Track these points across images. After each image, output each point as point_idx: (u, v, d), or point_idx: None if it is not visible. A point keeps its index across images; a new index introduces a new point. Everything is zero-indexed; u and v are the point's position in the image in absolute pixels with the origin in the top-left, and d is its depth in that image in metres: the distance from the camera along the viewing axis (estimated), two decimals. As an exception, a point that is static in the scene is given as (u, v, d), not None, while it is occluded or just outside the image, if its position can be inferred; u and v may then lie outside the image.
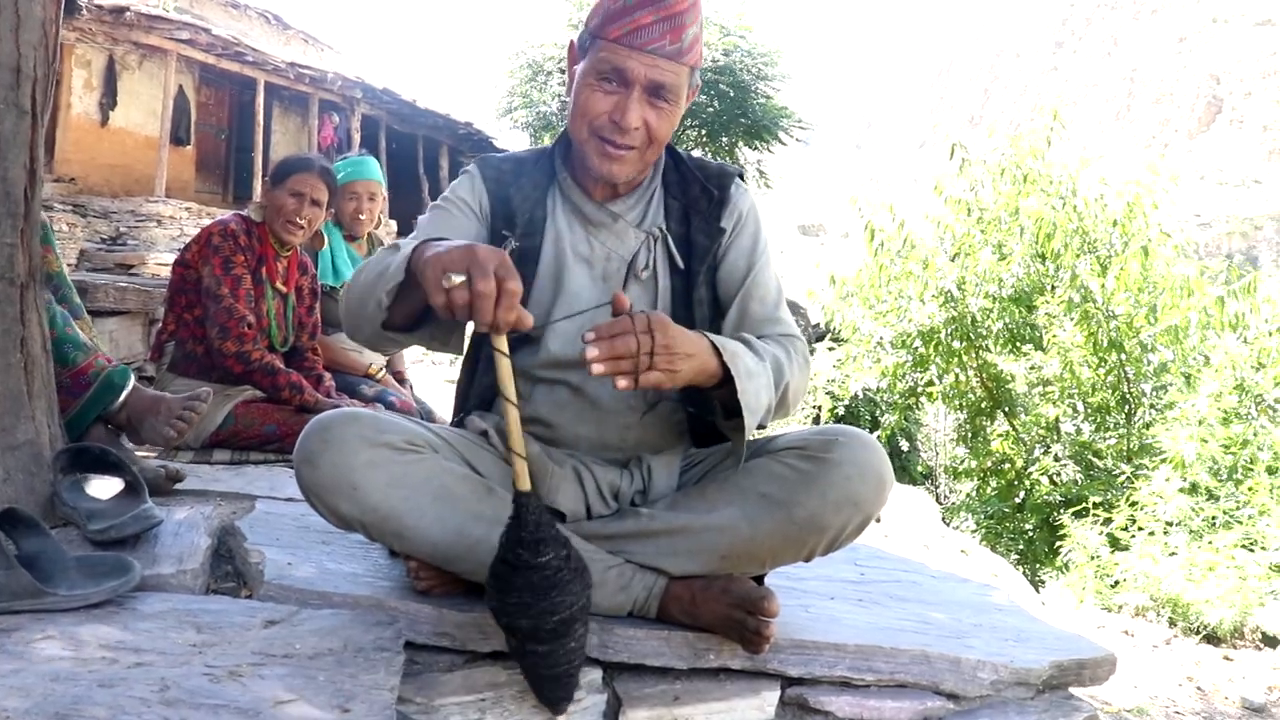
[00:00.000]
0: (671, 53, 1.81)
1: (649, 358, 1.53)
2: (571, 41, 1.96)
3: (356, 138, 17.26)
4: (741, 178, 2.10)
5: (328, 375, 3.90)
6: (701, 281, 1.97)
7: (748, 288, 1.98)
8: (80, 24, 13.23)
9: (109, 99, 14.72)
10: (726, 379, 1.66)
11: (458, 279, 1.40)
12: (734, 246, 2.01)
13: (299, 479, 1.77)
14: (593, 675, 1.75)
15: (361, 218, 4.38)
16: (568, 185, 1.99)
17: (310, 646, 1.55)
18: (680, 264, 1.97)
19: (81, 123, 14.26)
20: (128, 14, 13.41)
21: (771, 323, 1.96)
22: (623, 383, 1.52)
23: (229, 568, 2.06)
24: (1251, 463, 6.46)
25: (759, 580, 1.87)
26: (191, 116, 16.24)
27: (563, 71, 19.39)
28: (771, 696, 1.80)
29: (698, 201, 2.01)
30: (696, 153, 19.53)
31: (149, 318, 5.16)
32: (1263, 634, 4.66)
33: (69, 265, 10.31)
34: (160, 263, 11.50)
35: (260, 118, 15.67)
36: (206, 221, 13.86)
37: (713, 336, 1.67)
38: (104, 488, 2.18)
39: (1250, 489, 6.15)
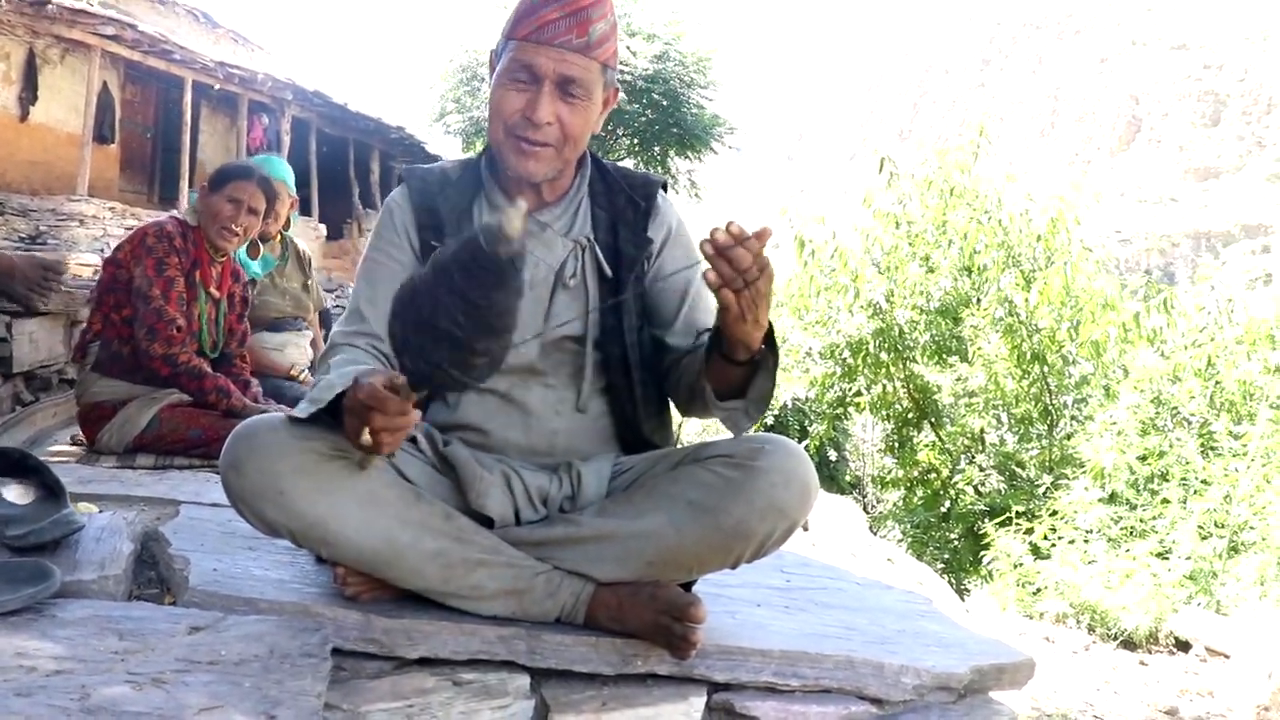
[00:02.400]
0: (579, 46, 1.85)
1: (759, 273, 1.60)
2: (491, 52, 1.99)
3: (286, 140, 17.00)
4: (665, 188, 2.12)
5: (255, 381, 3.86)
6: (629, 289, 1.98)
7: (692, 299, 2.01)
8: None
9: (29, 93, 14.32)
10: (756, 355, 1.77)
11: (367, 438, 1.52)
12: (669, 259, 2.04)
13: (225, 485, 1.76)
14: (520, 681, 1.75)
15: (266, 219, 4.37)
16: (494, 194, 2.00)
17: (236, 653, 1.53)
18: (608, 273, 1.99)
19: None
20: (50, 6, 13.07)
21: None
22: (729, 295, 1.61)
23: (152, 574, 2.03)
24: (1166, 474, 6.64)
25: (686, 587, 1.88)
26: (116, 114, 15.87)
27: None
28: (699, 702, 1.81)
29: (624, 212, 2.03)
30: (628, 162, 19.66)
31: (71, 318, 5.04)
32: (1176, 639, 4.80)
33: (-15, 264, 10.05)
34: (82, 263, 11.20)
35: (188, 117, 15.36)
36: (131, 222, 13.62)
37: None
38: (22, 492, 2.13)
39: (1164, 499, 6.33)
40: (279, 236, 4.51)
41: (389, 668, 1.75)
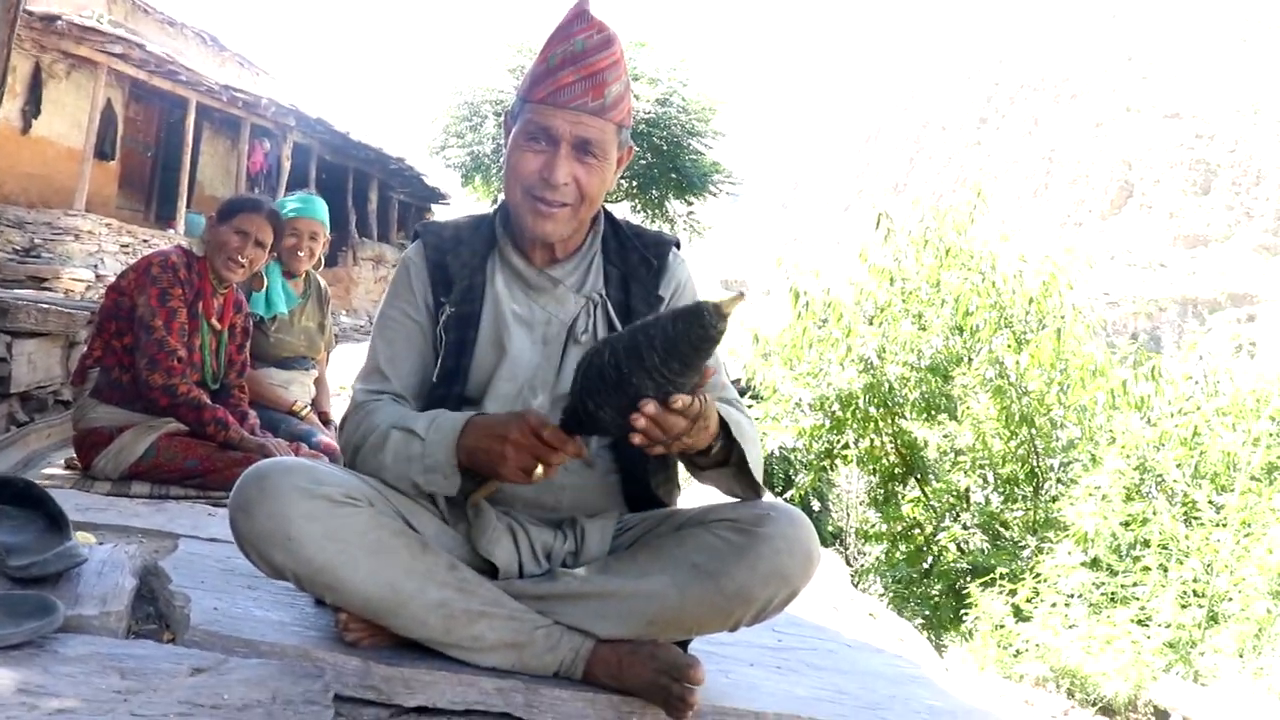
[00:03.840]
0: (595, 109, 1.88)
1: (689, 433, 1.64)
2: (506, 113, 2.02)
3: (287, 165, 17.06)
4: (678, 246, 2.16)
5: (253, 413, 3.86)
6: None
7: None
8: (8, 30, 12.93)
9: (32, 107, 14.35)
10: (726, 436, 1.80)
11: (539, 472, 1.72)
12: None
13: (233, 527, 1.77)
14: (517, 734, 1.77)
15: (300, 255, 4.36)
16: (508, 251, 2.03)
17: (239, 697, 1.54)
18: (620, 329, 1.99)
19: (1, 129, 13.89)
20: (59, 22, 13.15)
21: (718, 388, 2.00)
22: (656, 450, 1.66)
23: (150, 609, 2.03)
24: (1148, 541, 6.67)
25: (683, 645, 1.90)
26: (118, 131, 15.91)
27: (497, 115, 19.45)
28: (691, 763, 1.82)
29: (637, 269, 2.06)
30: (625, 205, 19.74)
31: (69, 340, 5.03)
32: (1155, 708, 4.80)
33: (-21, 276, 10.03)
34: (75, 278, 11.22)
35: (189, 138, 15.41)
36: (126, 239, 13.64)
37: (727, 415, 1.80)
38: (23, 521, 2.13)
39: (1145, 567, 6.36)
40: (304, 274, 4.51)
41: (387, 715, 1.76)
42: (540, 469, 1.71)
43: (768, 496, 1.95)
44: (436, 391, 1.98)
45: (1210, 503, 6.86)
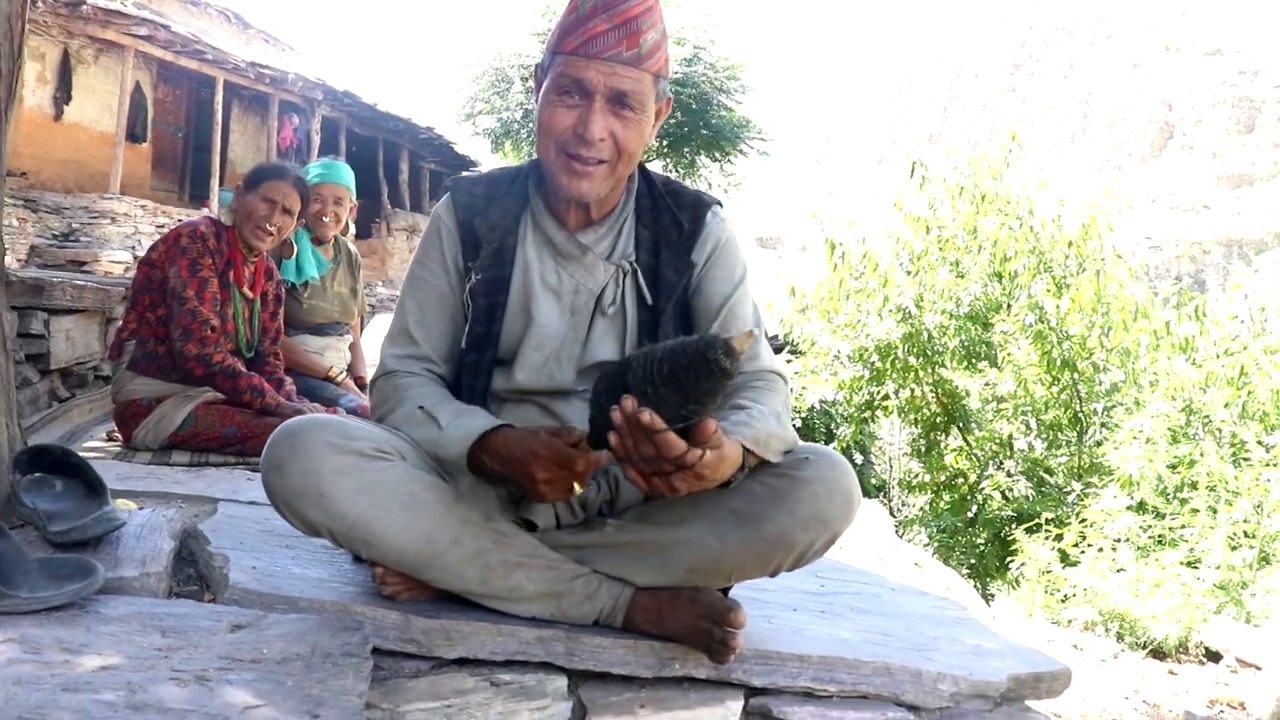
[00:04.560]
0: (630, 59, 1.79)
1: (672, 471, 1.53)
2: (536, 66, 1.94)
3: (316, 139, 17.10)
4: (720, 206, 2.05)
5: (289, 379, 3.88)
6: (669, 318, 1.94)
7: (723, 321, 1.95)
8: (34, 16, 12.99)
9: (63, 93, 14.47)
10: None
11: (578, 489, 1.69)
12: (709, 278, 1.97)
13: (266, 486, 1.77)
14: (558, 683, 1.76)
15: (325, 220, 4.36)
16: (539, 212, 1.97)
17: (278, 651, 1.54)
18: (649, 299, 1.95)
19: (34, 117, 14.00)
20: (84, 7, 13.20)
21: (749, 359, 1.91)
22: (634, 475, 1.56)
23: (191, 571, 2.04)
24: (1195, 483, 6.58)
25: (724, 592, 1.88)
26: (148, 113, 16.01)
27: (524, 80, 19.37)
28: (735, 706, 1.81)
29: (668, 232, 1.97)
30: (656, 165, 19.67)
31: (106, 316, 5.09)
32: (1206, 649, 4.75)
33: (20, 261, 10.16)
34: (114, 260, 11.33)
35: (219, 117, 15.47)
36: (162, 220, 13.74)
37: (743, 436, 1.67)
38: (63, 489, 2.15)
39: (1193, 509, 6.28)
40: (334, 240, 4.51)
41: (427, 668, 1.76)
42: (577, 487, 1.68)
43: (801, 443, 1.89)
44: (468, 358, 1.95)
45: (1259, 442, 6.75)
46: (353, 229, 4.64)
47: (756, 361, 1.93)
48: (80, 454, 2.30)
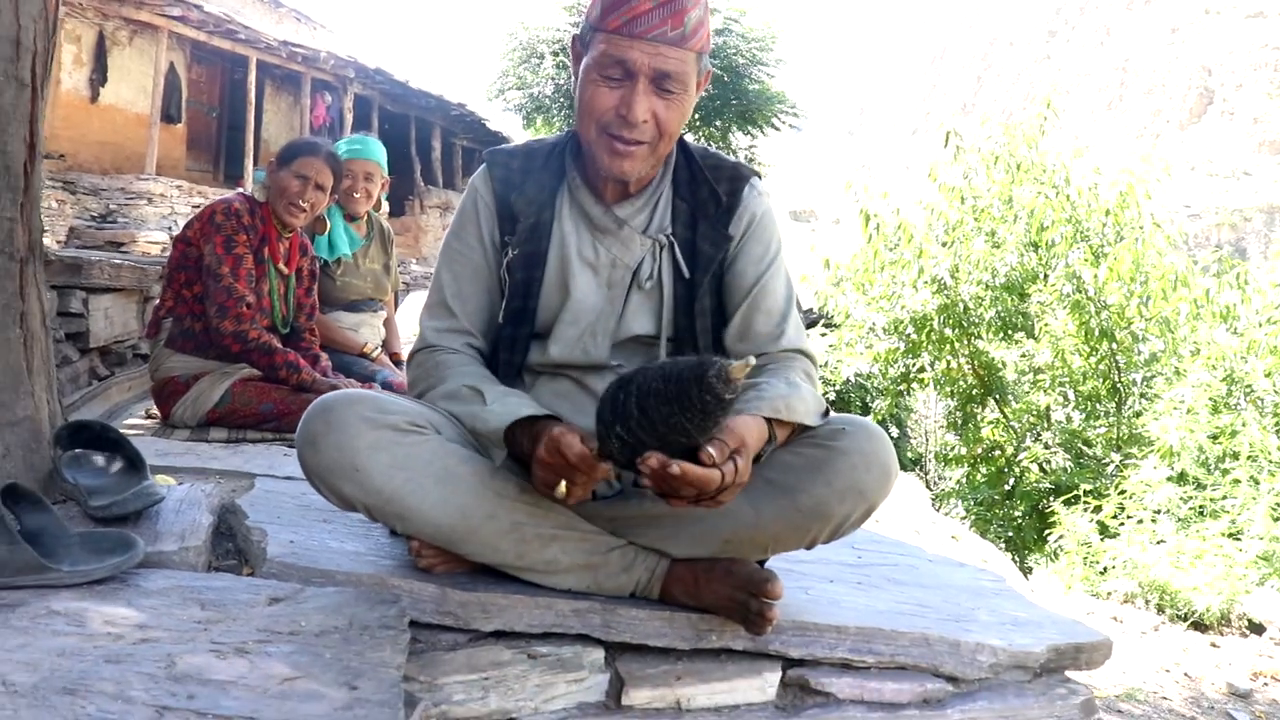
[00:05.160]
0: (674, 39, 1.75)
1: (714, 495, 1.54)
2: (574, 37, 1.91)
3: (349, 118, 17.17)
4: (759, 178, 2.02)
5: (324, 355, 3.90)
6: (706, 291, 1.93)
7: (754, 298, 1.94)
8: (70, -1, 13.13)
9: (99, 75, 14.60)
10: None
11: (561, 490, 1.64)
12: (743, 252, 1.96)
13: (301, 461, 1.77)
14: (595, 655, 1.76)
15: (356, 196, 4.36)
16: (576, 186, 1.95)
17: (316, 624, 1.55)
18: (685, 272, 1.93)
19: (71, 99, 14.14)
20: (118, -11, 13.33)
21: (775, 339, 1.92)
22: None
23: (230, 545, 2.06)
24: (1237, 453, 6.50)
25: (760, 563, 1.87)
26: (183, 94, 16.12)
27: (555, 54, 19.30)
28: (773, 677, 1.81)
29: (705, 205, 1.95)
30: (690, 138, 19.45)
31: (144, 295, 5.13)
32: (1249, 621, 4.70)
33: (59, 242, 10.27)
34: (151, 240, 11.44)
35: (252, 96, 15.56)
36: (198, 200, 13.85)
37: (765, 410, 1.68)
38: (104, 464, 2.17)
39: (1235, 480, 6.20)
40: (366, 216, 4.51)
41: (464, 640, 1.76)
42: (563, 487, 1.63)
43: (836, 414, 1.88)
44: (504, 332, 1.95)
45: (1305, 412, 6.66)
46: (386, 205, 4.63)
47: (781, 341, 1.92)
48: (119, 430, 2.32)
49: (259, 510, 2.19)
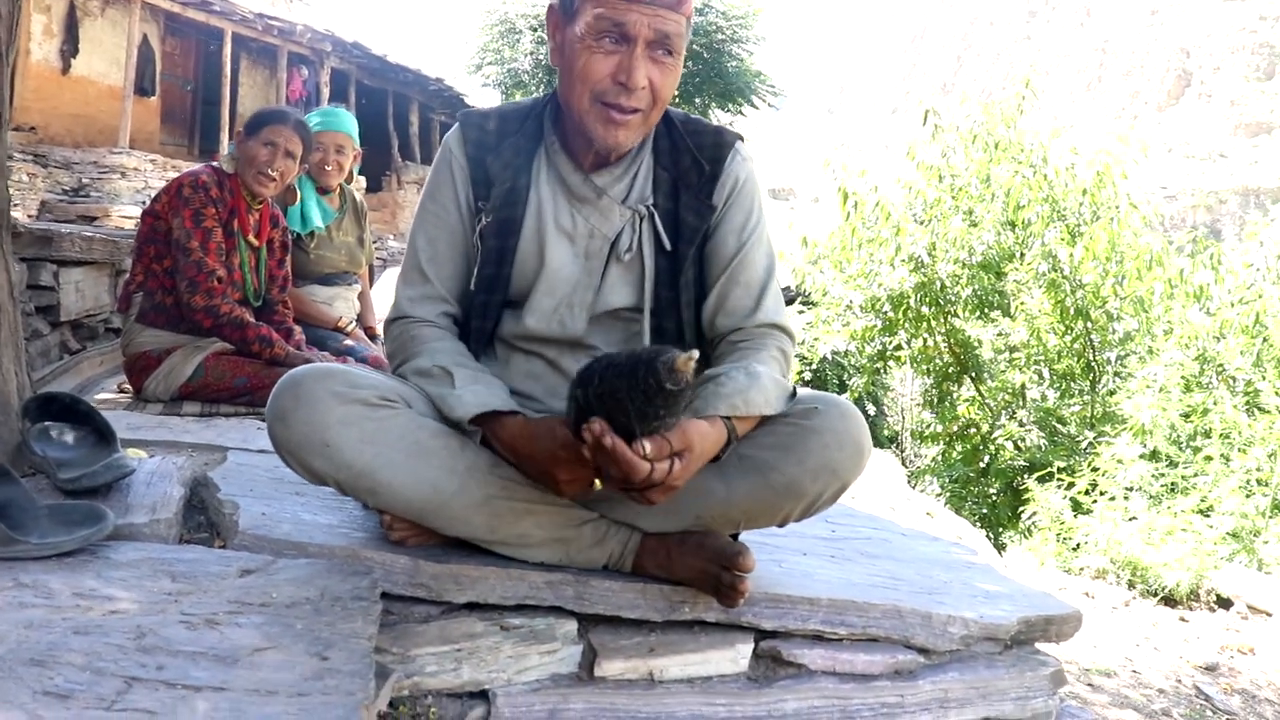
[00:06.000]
0: (672, 2, 1.74)
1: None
2: (551, 6, 1.86)
3: (326, 92, 17.01)
4: (741, 141, 1.98)
5: (298, 329, 3.87)
6: (690, 263, 1.90)
7: (733, 270, 1.90)
8: (40, -32, 12.95)
9: (70, 46, 14.39)
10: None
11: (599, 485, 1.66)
12: (725, 220, 1.92)
13: (271, 436, 1.76)
14: (567, 626, 1.76)
15: (327, 169, 4.32)
16: (554, 151, 1.92)
17: (287, 595, 1.54)
18: (667, 244, 1.90)
19: (42, 70, 13.95)
20: (90, -41, 13.15)
21: (753, 313, 1.89)
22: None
23: (201, 518, 2.05)
24: (1208, 431, 6.57)
25: (734, 536, 1.87)
26: (156, 67, 15.94)
27: (533, 29, 19.17)
28: (745, 649, 1.82)
29: (688, 174, 1.91)
30: (681, 112, 19.36)
31: (115, 268, 5.08)
32: (1217, 596, 4.76)
33: (30, 216, 10.15)
34: (124, 215, 11.32)
35: (227, 70, 15.41)
36: (172, 174, 13.69)
37: (722, 408, 1.67)
38: (73, 437, 2.15)
39: (1207, 457, 6.27)
40: (339, 189, 4.48)
41: (437, 612, 1.76)
42: (598, 483, 1.66)
43: (810, 392, 1.87)
44: (477, 298, 1.92)
45: (1276, 391, 6.73)
46: (362, 179, 4.59)
47: (758, 314, 1.90)
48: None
49: (231, 483, 2.17)
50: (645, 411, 1.47)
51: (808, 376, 11.65)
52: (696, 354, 1.45)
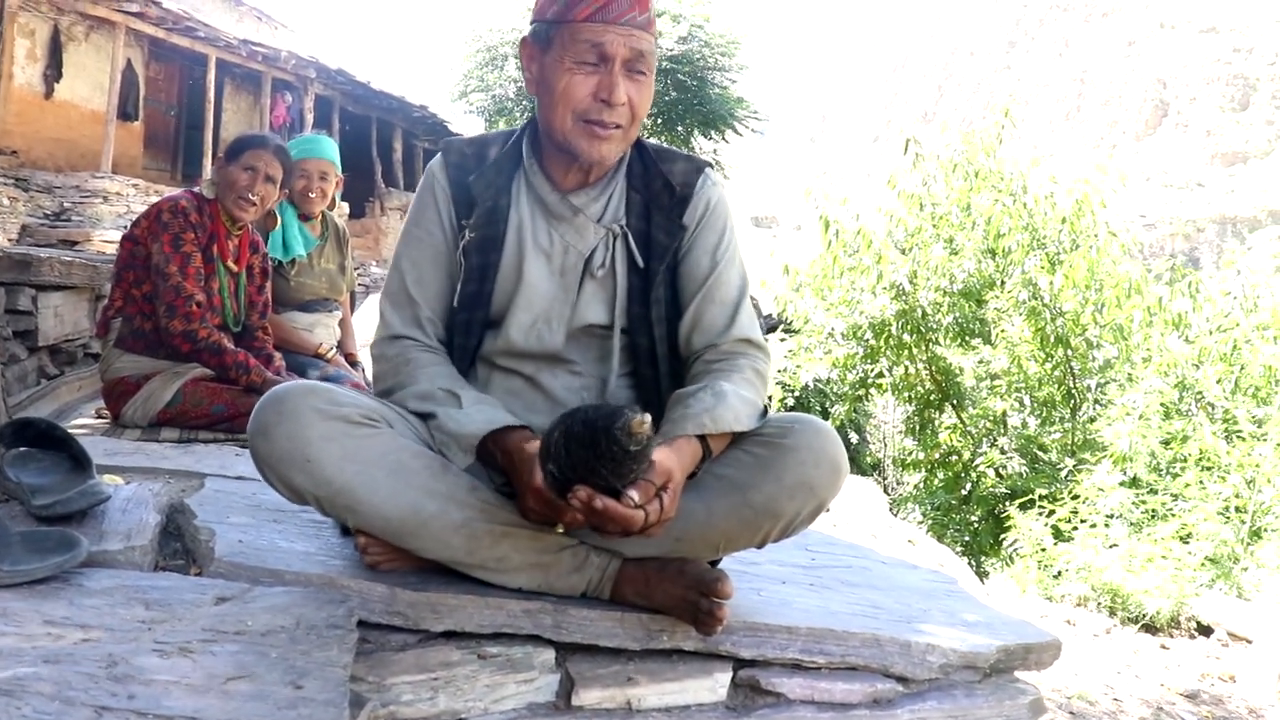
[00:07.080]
0: (643, 22, 1.83)
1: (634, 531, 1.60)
2: (524, 39, 1.94)
3: (309, 118, 17.01)
4: (711, 168, 2.07)
5: (278, 355, 3.86)
6: (660, 281, 1.96)
7: (708, 289, 1.96)
8: (24, -9, 12.93)
9: (54, 71, 14.36)
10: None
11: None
12: (698, 242, 1.99)
13: (253, 451, 1.77)
14: (545, 655, 1.75)
15: (311, 196, 4.32)
16: (533, 173, 1.98)
17: (262, 624, 1.53)
18: (640, 262, 1.96)
19: (24, 94, 13.91)
20: (74, -17, 13.13)
21: (727, 330, 1.95)
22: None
23: (177, 545, 2.03)
24: (1188, 458, 6.61)
25: (713, 564, 1.87)
26: (140, 91, 15.91)
27: (517, 57, 19.20)
28: (724, 678, 1.81)
29: (659, 197, 1.99)
30: (650, 142, 19.49)
31: (95, 293, 5.06)
32: (1197, 623, 4.77)
33: (10, 240, 10.11)
34: (106, 240, 11.28)
35: (211, 95, 15.40)
36: (154, 199, 13.62)
37: (690, 429, 1.73)
38: (48, 463, 2.14)
39: (1186, 484, 6.30)
40: (320, 216, 4.47)
41: (414, 640, 1.75)
42: (560, 527, 1.71)
43: (785, 414, 1.91)
44: (459, 316, 1.96)
45: (1251, 418, 6.77)
46: (345, 206, 4.60)
47: (732, 330, 1.95)
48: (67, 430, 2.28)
49: (208, 510, 2.16)
50: (620, 471, 1.53)
51: (790, 404, 11.65)
52: (649, 417, 1.51)
